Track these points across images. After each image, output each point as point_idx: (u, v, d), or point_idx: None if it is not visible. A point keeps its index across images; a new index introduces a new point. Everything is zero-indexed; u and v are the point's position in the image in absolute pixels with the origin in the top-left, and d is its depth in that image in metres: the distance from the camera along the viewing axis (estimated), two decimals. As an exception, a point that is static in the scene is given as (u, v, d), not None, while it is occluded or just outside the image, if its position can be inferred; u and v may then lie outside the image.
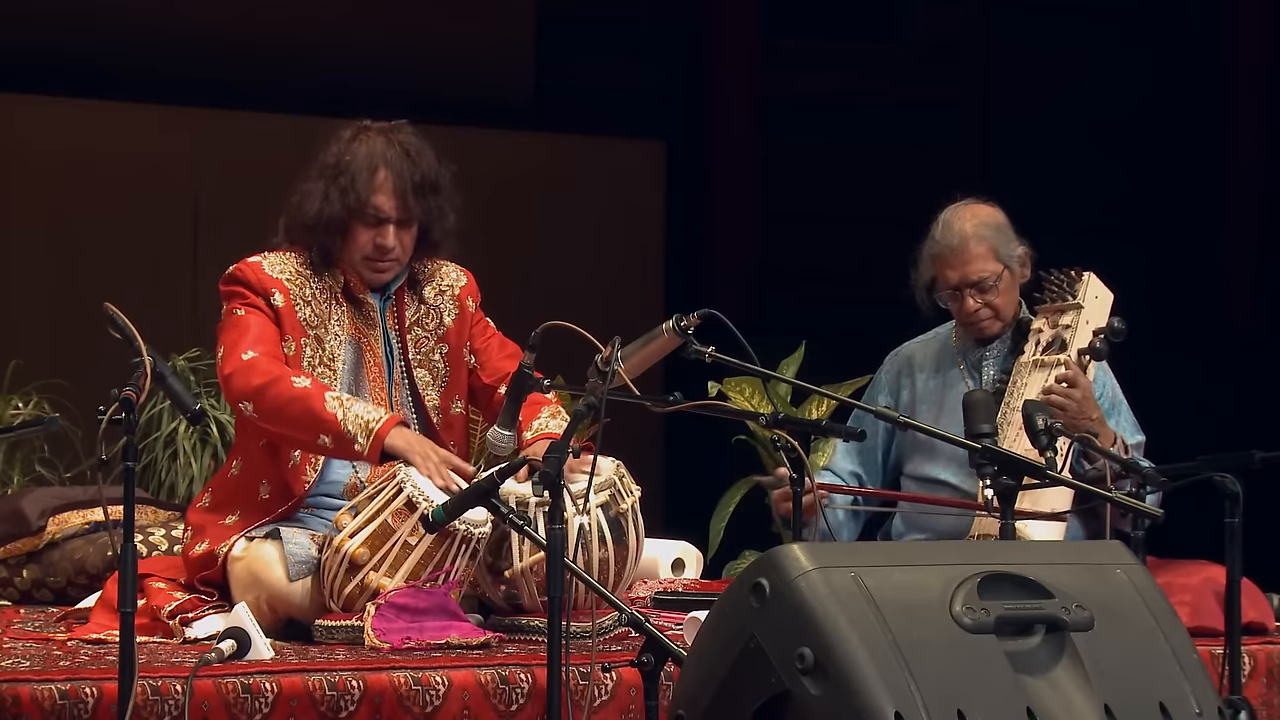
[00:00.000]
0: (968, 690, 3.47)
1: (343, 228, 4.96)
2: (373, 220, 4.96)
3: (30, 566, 5.88)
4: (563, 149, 9.78)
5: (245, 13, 9.21)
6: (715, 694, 3.64)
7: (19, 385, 6.89)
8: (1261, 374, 9.68)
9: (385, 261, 5.00)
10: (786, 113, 10.32)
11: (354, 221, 4.96)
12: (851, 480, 5.55)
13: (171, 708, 4.06)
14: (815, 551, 3.59)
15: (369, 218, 4.96)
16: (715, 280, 10.16)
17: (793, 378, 6.22)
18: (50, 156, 8.79)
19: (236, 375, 4.89)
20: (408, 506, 4.75)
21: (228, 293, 5.02)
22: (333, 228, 4.96)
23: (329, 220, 4.95)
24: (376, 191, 4.95)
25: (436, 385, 5.13)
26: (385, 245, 4.96)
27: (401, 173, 4.95)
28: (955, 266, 5.35)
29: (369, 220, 4.96)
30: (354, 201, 4.93)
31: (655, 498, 5.33)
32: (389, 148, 4.97)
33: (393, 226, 4.96)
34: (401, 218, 4.97)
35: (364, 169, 4.94)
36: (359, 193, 4.93)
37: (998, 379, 5.36)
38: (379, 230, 4.97)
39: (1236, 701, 4.28)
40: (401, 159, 4.96)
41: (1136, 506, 4.30)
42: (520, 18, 9.80)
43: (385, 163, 4.95)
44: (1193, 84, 10.49)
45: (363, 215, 4.95)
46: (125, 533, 3.94)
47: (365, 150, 4.96)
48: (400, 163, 4.96)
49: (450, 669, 4.30)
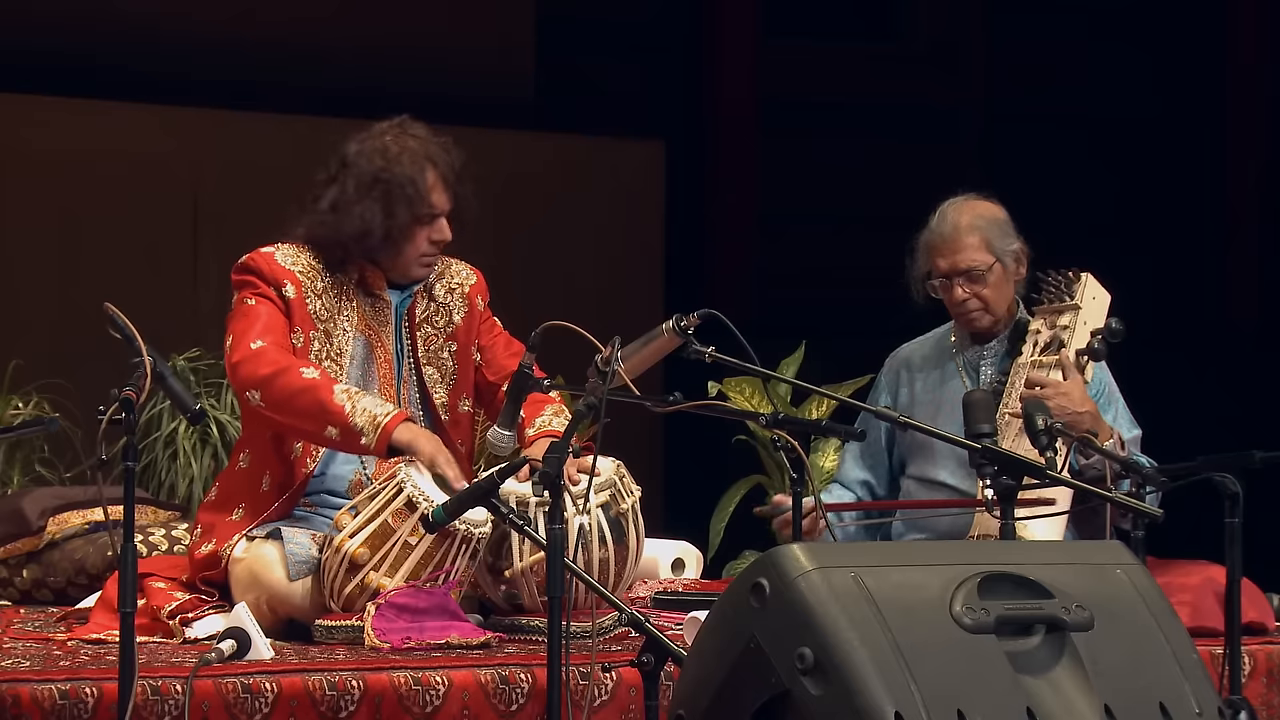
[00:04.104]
0: (968, 690, 3.47)
1: (407, 237, 4.99)
2: (428, 218, 4.99)
3: (30, 566, 5.88)
4: (563, 149, 9.77)
5: (245, 13, 9.20)
6: (715, 694, 3.64)
7: (19, 385, 6.89)
8: (1261, 374, 9.68)
9: (437, 255, 5.05)
10: (786, 112, 10.31)
11: (415, 227, 4.99)
12: (862, 489, 5.55)
13: (171, 708, 4.06)
14: (815, 551, 3.59)
15: (426, 217, 4.99)
16: (715, 280, 10.16)
17: (793, 378, 6.22)
18: (50, 156, 8.78)
19: (245, 364, 4.90)
20: (408, 506, 4.75)
21: (239, 282, 5.02)
22: (395, 239, 4.98)
23: (393, 234, 4.97)
24: (432, 190, 5.00)
25: (445, 383, 5.14)
26: (445, 238, 5.02)
27: (446, 166, 5.01)
28: (946, 255, 5.38)
29: (425, 219, 4.99)
30: (421, 208, 4.97)
31: (655, 498, 5.34)
32: (418, 143, 5.01)
33: (443, 220, 5.02)
34: (451, 209, 5.03)
35: (417, 174, 4.97)
36: (423, 197, 4.97)
37: (995, 380, 5.37)
38: (434, 226, 5.00)
39: (1236, 701, 4.28)
40: (440, 153, 5.02)
41: (1136, 506, 4.30)
42: (520, 18, 9.80)
43: (430, 161, 5.00)
44: (1193, 84, 10.48)
45: (423, 219, 4.99)
46: (125, 533, 3.94)
47: (407, 156, 4.98)
48: (440, 156, 5.02)
49: (450, 669, 4.30)
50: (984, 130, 10.61)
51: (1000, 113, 10.60)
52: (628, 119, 10.09)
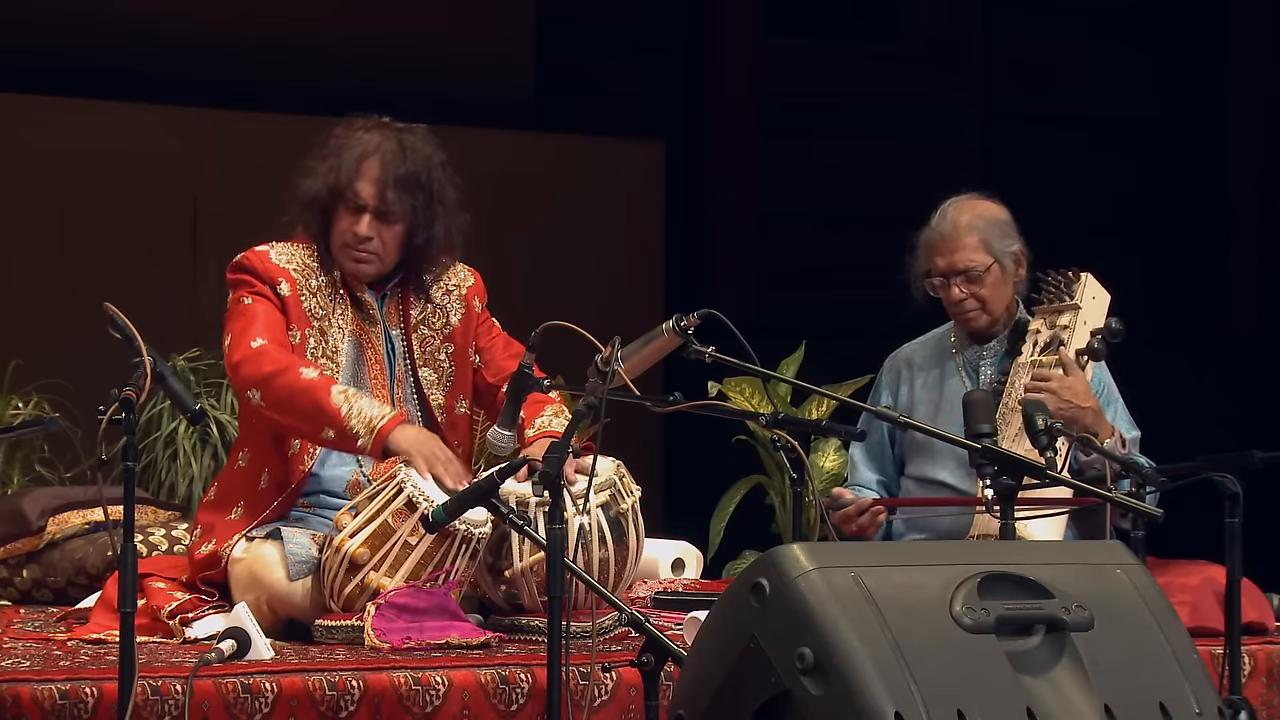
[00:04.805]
0: (968, 690, 3.47)
1: (325, 208, 4.99)
2: (353, 206, 4.98)
3: (30, 566, 5.88)
4: (563, 149, 9.77)
5: (245, 13, 9.20)
6: (715, 694, 3.64)
7: (19, 385, 6.89)
8: (1261, 374, 9.68)
9: (361, 251, 5.00)
10: (786, 112, 10.31)
11: (337, 204, 4.99)
12: (879, 489, 5.56)
13: (171, 708, 4.06)
14: (815, 551, 3.59)
15: (350, 203, 4.97)
16: (715, 280, 10.16)
17: (793, 378, 6.22)
18: (50, 156, 8.78)
19: (246, 363, 4.90)
20: (408, 506, 4.75)
21: (235, 281, 5.03)
22: (316, 206, 4.99)
23: (314, 198, 4.99)
24: (360, 177, 4.97)
25: (442, 384, 5.14)
26: (359, 233, 4.97)
27: (388, 164, 4.97)
28: (944, 254, 5.38)
29: (350, 205, 4.98)
30: (335, 182, 4.96)
31: (655, 498, 5.34)
32: (385, 140, 5.00)
33: (369, 216, 4.97)
34: (379, 209, 4.97)
35: (354, 154, 4.98)
36: (342, 175, 4.96)
37: (995, 380, 5.37)
38: (357, 218, 4.98)
39: (1236, 701, 4.28)
40: (393, 152, 4.99)
41: (1136, 507, 4.30)
42: (520, 18, 9.80)
43: (376, 151, 4.98)
44: (1192, 84, 10.48)
45: (345, 199, 4.97)
46: (125, 533, 3.94)
47: (363, 138, 5.00)
48: (390, 155, 4.98)
49: (450, 669, 4.30)
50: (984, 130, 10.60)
51: (1000, 113, 10.60)
52: (628, 119, 10.09)
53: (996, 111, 10.62)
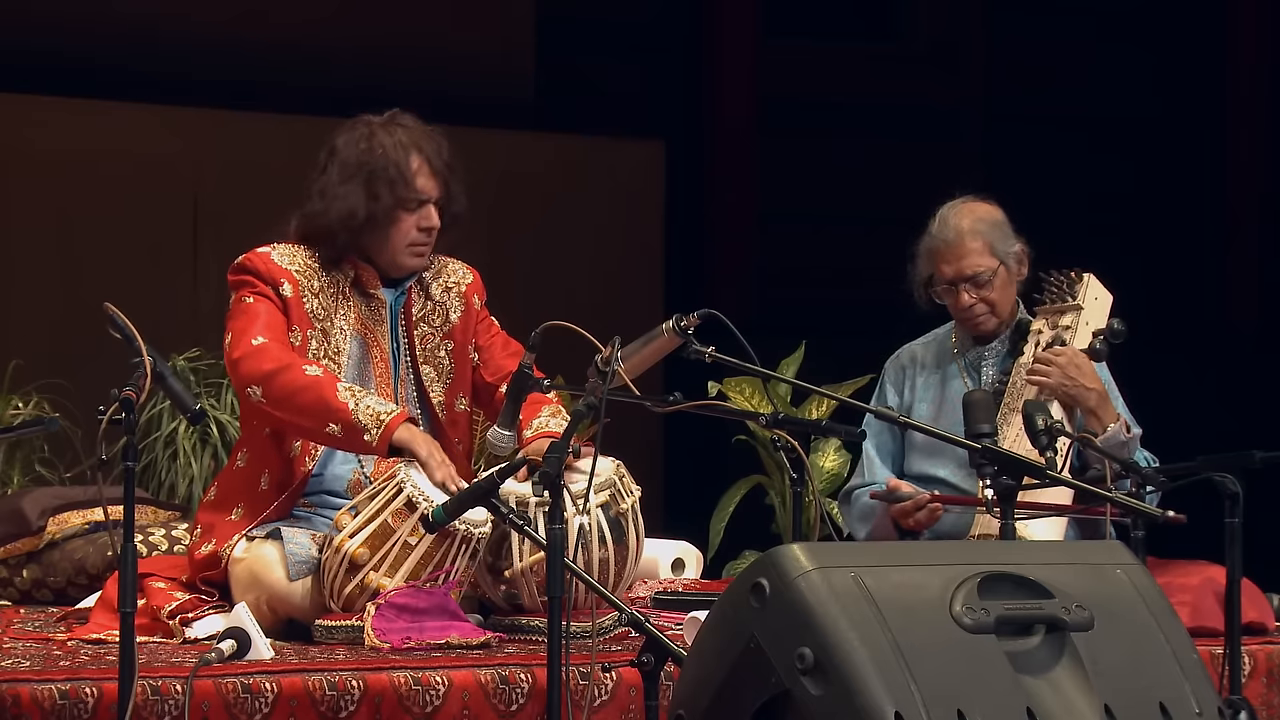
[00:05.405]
0: (968, 690, 3.47)
1: (391, 221, 4.98)
2: (415, 205, 5.00)
3: (30, 566, 5.88)
4: (563, 149, 9.78)
5: (245, 13, 9.20)
6: (715, 694, 3.64)
7: (19, 385, 6.89)
8: (1261, 374, 9.68)
9: (427, 244, 5.04)
10: (786, 112, 10.31)
11: (399, 211, 4.99)
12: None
13: (171, 708, 4.06)
14: (815, 551, 3.59)
15: (412, 203, 4.99)
16: (715, 280, 10.16)
17: (793, 378, 6.22)
18: (51, 156, 8.78)
19: (246, 360, 4.90)
20: (408, 506, 4.75)
21: (236, 281, 5.03)
22: (380, 223, 4.98)
23: (377, 217, 4.97)
24: (417, 175, 5.00)
25: (441, 382, 5.14)
26: (433, 225, 5.01)
27: (432, 153, 5.02)
28: (950, 261, 5.37)
29: (412, 206, 4.99)
30: (404, 190, 4.97)
31: (655, 498, 5.34)
32: (411, 133, 5.01)
33: (432, 206, 5.01)
34: (440, 197, 5.02)
35: (401, 158, 4.99)
36: (407, 181, 4.97)
37: (997, 380, 5.37)
38: (421, 213, 5.00)
39: (1236, 701, 4.28)
40: (427, 140, 5.03)
41: (1137, 507, 4.29)
42: (520, 18, 9.79)
43: (416, 147, 5.00)
44: (1193, 84, 10.48)
45: (408, 203, 4.99)
46: (125, 533, 3.94)
47: (391, 141, 5.00)
48: (428, 144, 5.03)
49: (450, 669, 4.30)
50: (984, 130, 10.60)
51: (1000, 113, 10.60)
52: (627, 119, 10.09)
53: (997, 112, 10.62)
